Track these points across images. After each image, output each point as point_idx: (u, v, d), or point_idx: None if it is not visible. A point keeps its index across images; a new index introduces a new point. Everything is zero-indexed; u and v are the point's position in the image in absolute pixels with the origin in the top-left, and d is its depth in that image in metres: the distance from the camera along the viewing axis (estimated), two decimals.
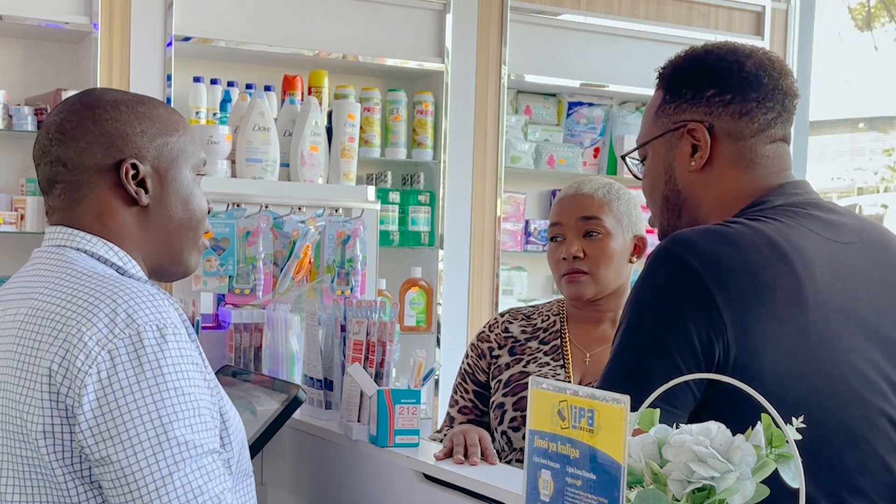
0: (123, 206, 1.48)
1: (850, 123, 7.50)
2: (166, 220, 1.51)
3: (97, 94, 1.53)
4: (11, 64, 3.77)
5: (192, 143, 1.55)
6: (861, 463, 1.39)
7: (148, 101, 1.54)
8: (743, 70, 1.53)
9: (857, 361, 1.41)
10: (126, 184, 1.47)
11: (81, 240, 1.46)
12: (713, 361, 1.35)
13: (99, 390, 1.30)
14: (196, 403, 1.34)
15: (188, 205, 1.53)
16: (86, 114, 1.48)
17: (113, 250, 1.47)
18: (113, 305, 1.34)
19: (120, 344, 1.31)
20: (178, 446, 1.31)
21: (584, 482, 0.97)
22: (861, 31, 7.34)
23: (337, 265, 2.56)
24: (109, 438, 1.30)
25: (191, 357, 1.37)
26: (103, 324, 1.32)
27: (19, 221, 3.61)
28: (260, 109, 2.84)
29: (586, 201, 2.18)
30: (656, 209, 1.62)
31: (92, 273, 1.41)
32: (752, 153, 1.53)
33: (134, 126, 1.48)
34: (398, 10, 4.10)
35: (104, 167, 1.47)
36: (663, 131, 1.58)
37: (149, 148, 1.49)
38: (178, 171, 1.52)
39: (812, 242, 1.44)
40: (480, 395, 2.22)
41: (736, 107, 1.52)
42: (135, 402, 1.30)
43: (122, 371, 1.31)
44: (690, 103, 1.55)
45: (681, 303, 1.37)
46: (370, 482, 1.93)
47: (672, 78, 1.59)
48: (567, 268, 2.16)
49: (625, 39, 4.55)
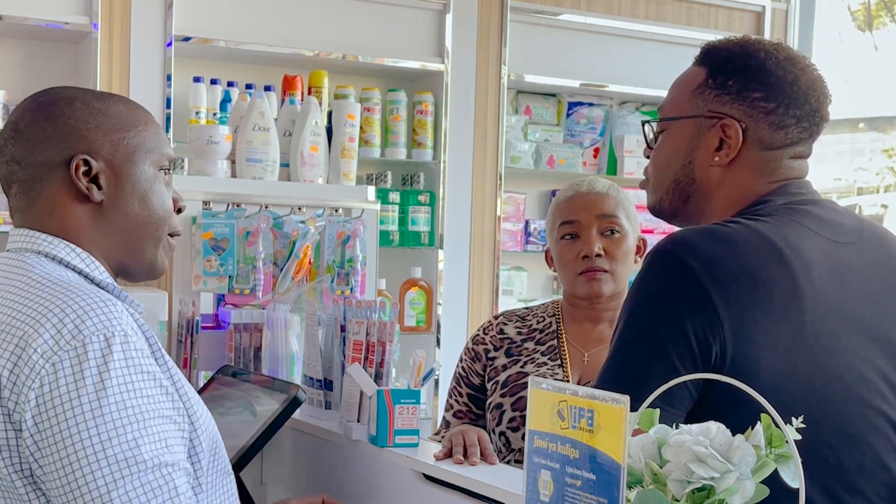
0: (76, 203, 1.46)
1: (850, 123, 7.50)
2: (123, 217, 1.48)
3: (54, 91, 1.51)
4: (11, 64, 3.77)
5: (154, 139, 1.51)
6: (859, 462, 1.39)
7: (108, 97, 1.52)
8: (796, 85, 1.50)
9: (854, 361, 1.41)
10: (76, 180, 1.44)
11: (42, 242, 1.44)
12: (710, 361, 1.35)
13: (41, 405, 1.27)
14: (141, 416, 1.30)
15: (147, 202, 1.49)
16: (40, 111, 1.47)
17: (74, 251, 1.44)
18: (61, 315, 1.31)
19: (64, 356, 1.29)
20: (116, 463, 1.27)
21: (584, 482, 0.97)
22: (862, 32, 7.34)
23: (337, 265, 2.56)
24: (49, 455, 1.28)
25: (140, 366, 1.32)
26: (49, 335, 1.29)
27: None
28: (260, 109, 2.83)
29: (602, 199, 2.16)
30: (661, 186, 1.59)
31: (45, 280, 1.38)
32: (775, 164, 1.52)
33: (87, 122, 1.46)
34: (398, 10, 4.10)
35: (56, 164, 1.45)
36: (696, 114, 1.54)
37: (103, 143, 1.46)
38: (134, 167, 1.48)
39: (810, 241, 1.44)
40: (475, 398, 2.22)
41: (776, 118, 1.50)
42: (73, 418, 1.27)
43: (63, 385, 1.28)
44: (734, 98, 1.51)
45: (678, 302, 1.37)
46: (370, 482, 1.93)
47: (722, 64, 1.54)
48: (585, 266, 2.13)
49: (625, 39, 4.55)
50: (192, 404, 1.42)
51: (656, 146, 1.60)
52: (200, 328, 2.42)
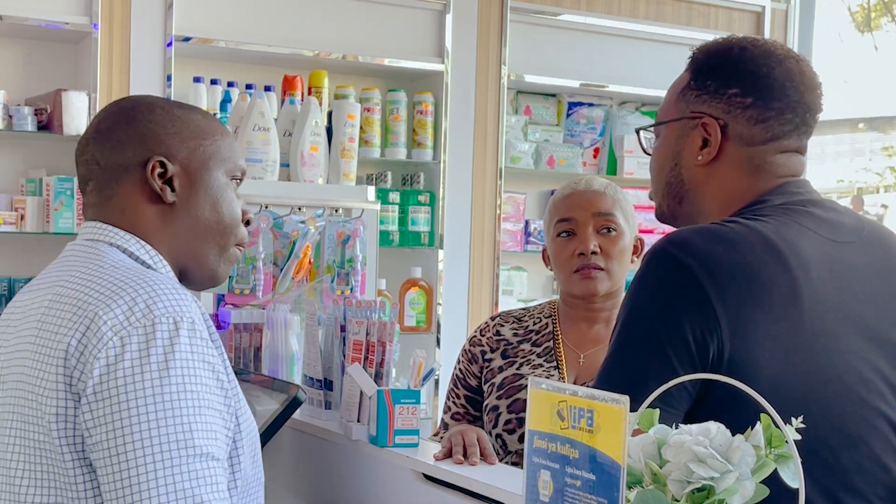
0: (149, 203, 1.50)
1: (850, 123, 7.50)
2: (193, 220, 1.52)
3: (137, 97, 1.58)
4: (11, 64, 3.77)
5: (228, 150, 1.56)
6: (858, 463, 1.39)
7: (186, 106, 1.58)
8: (770, 77, 1.50)
9: (853, 361, 1.41)
10: (151, 180, 1.49)
11: (115, 235, 1.49)
12: (707, 360, 1.35)
13: (104, 374, 1.30)
14: (198, 403, 1.33)
15: (217, 208, 1.54)
16: (121, 115, 1.53)
17: (144, 248, 1.49)
18: (134, 295, 1.35)
19: (133, 332, 1.32)
20: (167, 444, 1.29)
21: (584, 482, 0.97)
22: (862, 34, 7.34)
23: (337, 265, 2.56)
24: (103, 424, 1.29)
25: (203, 355, 1.35)
26: (121, 311, 1.33)
27: (19, 221, 3.61)
28: (260, 109, 2.83)
29: (599, 197, 2.16)
30: (659, 191, 1.61)
31: (120, 265, 1.43)
32: (759, 160, 1.52)
33: (166, 127, 1.51)
34: (398, 10, 4.10)
35: (133, 164, 1.50)
36: (679, 117, 1.56)
37: (180, 148, 1.51)
38: (208, 172, 1.53)
39: (809, 241, 1.44)
40: (472, 399, 2.22)
41: (755, 112, 1.50)
42: (134, 392, 1.29)
43: (128, 359, 1.30)
44: (712, 96, 1.53)
45: (676, 301, 1.37)
46: (370, 482, 1.93)
47: (702, 64, 1.56)
48: (581, 263, 2.13)
49: (625, 39, 4.55)
50: (241, 406, 1.45)
51: (652, 153, 1.63)
52: None
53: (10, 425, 1.38)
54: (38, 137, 3.72)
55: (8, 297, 3.68)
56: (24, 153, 3.79)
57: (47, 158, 3.78)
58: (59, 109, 3.57)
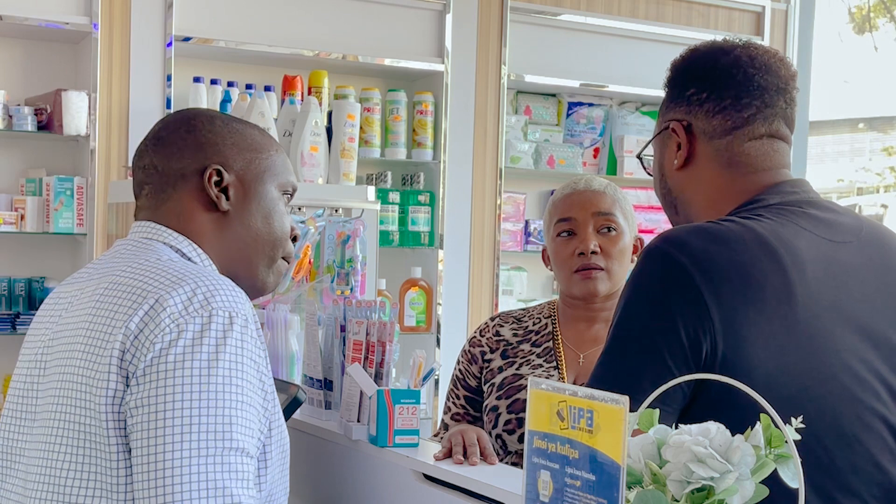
0: (203, 210, 1.53)
1: (849, 123, 7.50)
2: (245, 229, 1.55)
3: (197, 109, 1.65)
4: (11, 64, 3.78)
5: (282, 166, 1.60)
6: (853, 462, 1.39)
7: (244, 121, 1.62)
8: (716, 67, 1.54)
9: (849, 360, 1.41)
10: (208, 188, 1.52)
11: (168, 236, 1.51)
12: (701, 358, 1.35)
13: (155, 357, 1.32)
14: (241, 398, 1.34)
15: (269, 220, 1.57)
16: (182, 123, 1.56)
17: (196, 251, 1.52)
18: (194, 286, 1.37)
19: (190, 321, 1.34)
20: (206, 433, 1.30)
21: (584, 482, 0.97)
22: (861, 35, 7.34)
23: (337, 265, 2.56)
24: (146, 405, 1.31)
25: (251, 353, 1.37)
26: (181, 300, 1.35)
27: (19, 221, 3.61)
28: (260, 109, 2.84)
29: (599, 197, 2.16)
30: (661, 205, 1.66)
31: (177, 260, 1.46)
32: (729, 151, 1.53)
33: (225, 138, 1.55)
34: (398, 10, 4.10)
35: (191, 171, 1.53)
36: (658, 131, 1.62)
37: (236, 159, 1.55)
38: (263, 185, 1.56)
39: (805, 241, 1.44)
40: (472, 400, 2.22)
41: (710, 105, 1.54)
42: (181, 377, 1.31)
43: (181, 345, 1.32)
44: (676, 102, 1.58)
45: (669, 299, 1.37)
46: (370, 482, 1.93)
47: (669, 77, 1.62)
48: (581, 263, 2.12)
49: (625, 39, 4.55)
50: (276, 411, 1.46)
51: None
52: None
53: (56, 409, 1.38)
54: (38, 137, 3.72)
55: (8, 297, 3.68)
56: (24, 153, 3.79)
57: (47, 158, 3.78)
58: (59, 109, 3.57)
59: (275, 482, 1.47)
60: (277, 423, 1.45)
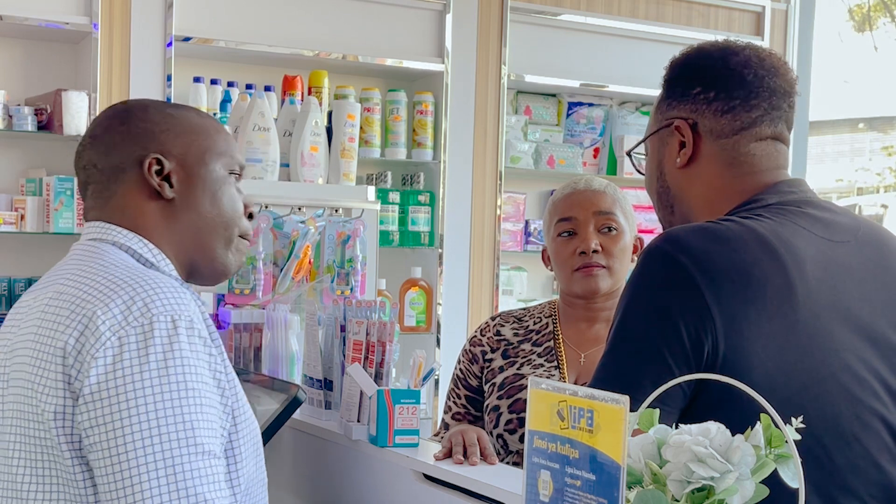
0: (148, 200, 1.51)
1: (849, 123, 7.50)
2: (194, 214, 1.53)
3: (131, 100, 1.60)
4: (11, 64, 3.77)
5: (224, 144, 1.57)
6: (852, 462, 1.39)
7: (181, 105, 1.60)
8: (727, 67, 1.54)
9: (848, 360, 1.41)
10: (149, 178, 1.50)
11: (117, 234, 1.50)
12: (702, 358, 1.35)
13: (101, 374, 1.30)
14: (199, 400, 1.33)
15: (217, 201, 1.54)
16: (115, 117, 1.54)
17: (147, 247, 1.50)
18: (132, 293, 1.35)
19: (131, 331, 1.32)
20: (168, 441, 1.29)
21: (584, 482, 0.97)
22: (861, 34, 7.34)
23: (337, 265, 2.56)
24: (103, 424, 1.30)
25: (200, 352, 1.36)
26: (119, 310, 1.34)
27: (19, 221, 3.61)
28: (260, 109, 2.83)
29: (599, 197, 2.17)
30: (655, 205, 1.65)
31: (120, 263, 1.43)
32: (734, 151, 1.53)
33: (160, 125, 1.53)
34: (398, 10, 4.10)
35: (130, 164, 1.51)
36: (657, 128, 1.60)
37: (175, 144, 1.52)
38: (205, 167, 1.54)
39: (804, 240, 1.44)
40: (473, 399, 2.22)
41: (719, 104, 1.53)
42: (133, 391, 1.29)
43: (127, 358, 1.31)
44: (679, 100, 1.57)
45: (671, 299, 1.37)
46: (370, 482, 1.93)
47: (669, 75, 1.61)
48: (582, 262, 2.13)
49: (625, 39, 4.55)
50: (241, 404, 1.45)
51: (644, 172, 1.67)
52: None
53: (12, 423, 1.38)
54: (38, 137, 3.72)
55: (8, 297, 3.68)
56: (24, 153, 3.79)
57: (47, 158, 3.78)
58: (59, 109, 3.57)
59: (251, 475, 1.45)
60: (243, 416, 1.44)
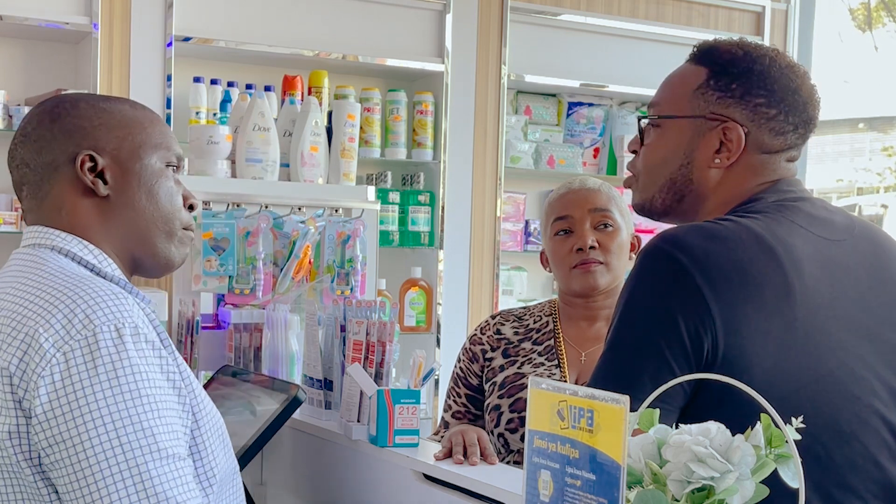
0: (83, 198, 1.48)
1: (850, 123, 7.50)
2: (131, 211, 1.50)
3: (61, 96, 1.55)
4: (11, 64, 3.77)
5: (160, 136, 1.53)
6: (850, 460, 1.40)
7: (113, 98, 1.55)
8: (798, 94, 1.53)
9: (846, 358, 1.41)
10: (82, 175, 1.47)
11: (56, 238, 1.46)
12: (702, 356, 1.36)
13: (52, 393, 1.28)
14: (155, 405, 1.31)
15: (153, 195, 1.51)
16: (46, 114, 1.50)
17: (87, 248, 1.46)
18: (72, 306, 1.32)
19: (75, 346, 1.30)
20: (131, 451, 1.27)
21: (584, 482, 0.97)
22: (862, 32, 7.34)
23: (337, 265, 2.56)
24: (62, 441, 1.28)
25: (151, 357, 1.34)
26: (60, 325, 1.31)
27: (19, 221, 3.61)
28: (260, 109, 2.83)
29: (595, 195, 2.18)
30: (654, 184, 1.58)
31: (59, 272, 1.39)
32: (772, 167, 1.54)
33: (91, 120, 1.49)
34: (398, 10, 4.10)
35: (62, 161, 1.47)
36: (698, 115, 1.53)
37: (108, 139, 1.49)
38: (139, 162, 1.50)
39: (801, 238, 1.45)
40: (473, 398, 2.22)
41: (776, 124, 1.52)
42: (87, 405, 1.27)
43: (75, 374, 1.28)
44: (738, 102, 1.52)
45: (670, 298, 1.38)
46: (370, 482, 1.93)
47: (725, 66, 1.54)
48: (579, 258, 2.13)
49: (625, 39, 4.55)
50: (200, 400, 1.42)
51: (648, 143, 1.59)
52: (200, 328, 2.42)
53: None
54: None
55: None
56: None
57: None
58: None
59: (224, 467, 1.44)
60: (202, 410, 1.42)
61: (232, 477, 1.49)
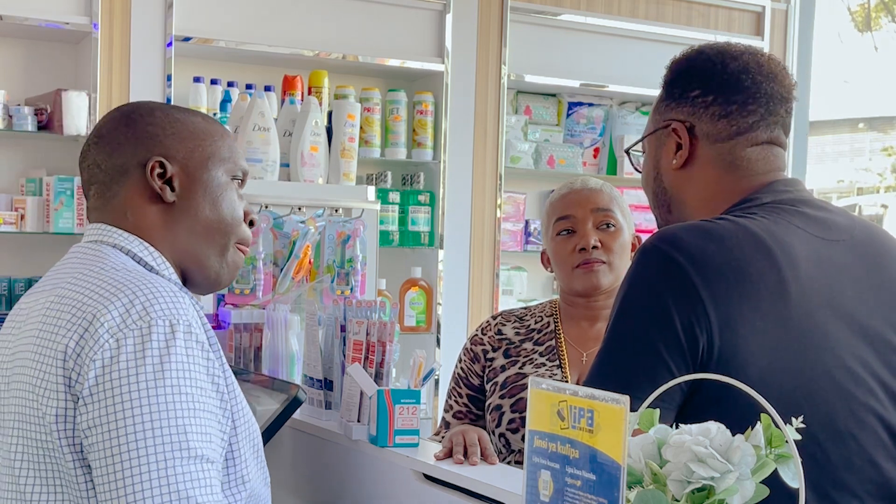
0: (150, 203, 1.52)
1: (849, 123, 7.50)
2: (193, 219, 1.53)
3: (137, 103, 1.60)
4: (11, 64, 3.77)
5: (228, 150, 1.58)
6: (847, 459, 1.40)
7: (187, 110, 1.61)
8: (726, 72, 1.55)
9: (843, 357, 1.41)
10: (151, 180, 1.51)
11: (118, 237, 1.50)
12: (698, 355, 1.36)
13: (99, 376, 1.31)
14: (193, 405, 1.34)
15: (217, 206, 1.55)
16: (121, 119, 1.55)
17: (147, 250, 1.50)
18: (132, 297, 1.36)
19: (129, 334, 1.33)
20: (162, 444, 1.30)
21: (584, 482, 0.97)
22: (861, 34, 7.34)
23: (337, 265, 2.56)
24: (99, 425, 1.31)
25: (198, 357, 1.36)
26: (118, 313, 1.34)
27: (19, 221, 3.61)
28: (260, 109, 2.84)
29: (596, 195, 2.19)
30: (651, 204, 1.66)
31: (120, 267, 1.44)
32: (730, 155, 1.55)
33: (165, 128, 1.53)
34: (398, 10, 4.10)
35: (133, 165, 1.52)
36: (654, 129, 1.61)
37: (178, 149, 1.53)
38: (207, 172, 1.55)
39: (797, 238, 1.45)
40: (474, 398, 2.22)
41: (717, 108, 1.54)
42: (129, 393, 1.30)
43: (123, 360, 1.32)
44: (678, 102, 1.58)
45: (666, 296, 1.38)
46: (370, 482, 1.93)
47: (668, 77, 1.62)
48: (582, 258, 2.14)
49: (625, 39, 4.55)
50: (241, 408, 1.45)
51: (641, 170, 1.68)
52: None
53: (14, 426, 1.39)
54: (38, 137, 3.72)
55: (8, 297, 3.68)
56: (24, 153, 3.79)
57: (47, 158, 3.78)
58: (59, 109, 3.57)
59: (255, 477, 1.46)
60: (242, 418, 1.44)
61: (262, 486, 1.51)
